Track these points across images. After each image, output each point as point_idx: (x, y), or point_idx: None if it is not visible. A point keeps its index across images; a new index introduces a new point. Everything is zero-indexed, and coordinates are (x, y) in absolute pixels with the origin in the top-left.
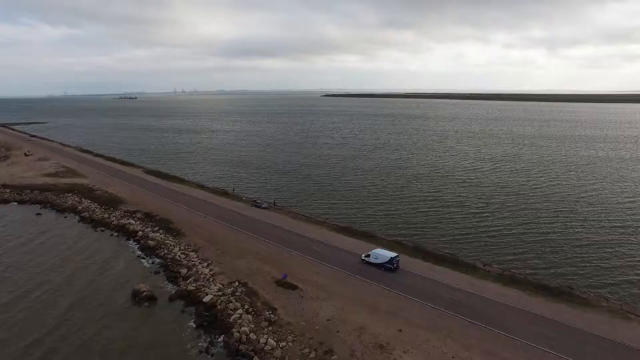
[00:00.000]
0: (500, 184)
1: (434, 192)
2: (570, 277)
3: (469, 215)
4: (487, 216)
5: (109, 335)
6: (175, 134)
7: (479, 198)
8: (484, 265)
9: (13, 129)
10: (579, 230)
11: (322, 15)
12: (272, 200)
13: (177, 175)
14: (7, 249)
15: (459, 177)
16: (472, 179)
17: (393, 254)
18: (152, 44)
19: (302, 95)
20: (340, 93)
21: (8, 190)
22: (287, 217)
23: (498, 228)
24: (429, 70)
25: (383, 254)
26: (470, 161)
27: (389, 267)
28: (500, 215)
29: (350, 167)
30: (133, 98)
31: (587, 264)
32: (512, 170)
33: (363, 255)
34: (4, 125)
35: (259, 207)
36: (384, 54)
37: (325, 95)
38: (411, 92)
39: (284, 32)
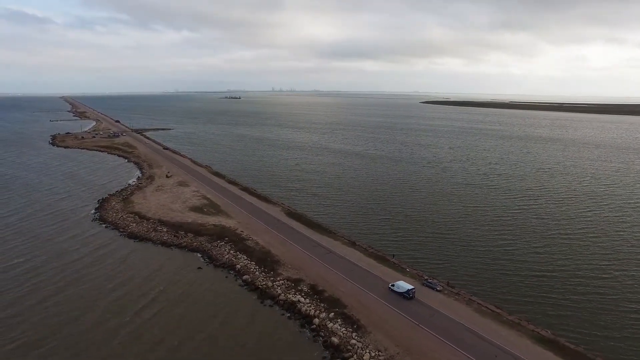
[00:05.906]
0: None
1: None
2: None
3: None
4: None
5: None
6: (295, 152)
7: None
8: None
9: (147, 137)
10: None
11: (429, 17)
12: (446, 281)
13: (320, 222)
14: (198, 330)
15: None
16: None
17: (410, 286)
18: (257, 45)
19: (398, 98)
20: (439, 99)
21: (165, 230)
22: (470, 310)
23: None
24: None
25: (404, 285)
26: None
27: (406, 296)
28: None
29: (517, 226)
30: (237, 98)
31: None
32: None
33: (390, 284)
34: (139, 132)
35: (433, 289)
36: (490, 57)
37: (425, 102)
38: (518, 102)
39: (386, 34)
